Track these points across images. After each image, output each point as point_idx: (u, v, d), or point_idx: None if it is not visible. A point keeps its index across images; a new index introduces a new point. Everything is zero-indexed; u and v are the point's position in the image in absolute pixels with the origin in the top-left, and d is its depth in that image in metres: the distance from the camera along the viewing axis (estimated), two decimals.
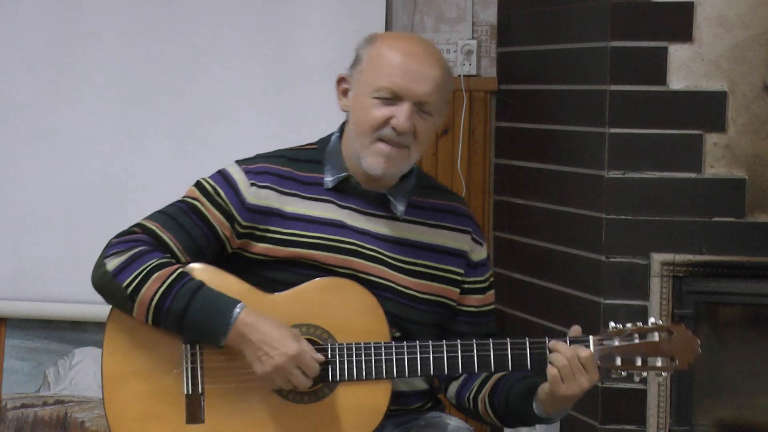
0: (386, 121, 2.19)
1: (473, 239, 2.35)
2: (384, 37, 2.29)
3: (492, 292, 2.39)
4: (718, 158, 3.09)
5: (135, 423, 2.18)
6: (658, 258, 3.10)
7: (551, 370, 2.12)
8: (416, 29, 3.73)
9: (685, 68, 3.09)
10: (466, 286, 2.33)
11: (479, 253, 2.36)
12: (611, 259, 3.14)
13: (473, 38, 3.71)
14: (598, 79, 3.16)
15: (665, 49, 3.09)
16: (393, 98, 2.19)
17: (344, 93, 2.28)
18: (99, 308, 3.53)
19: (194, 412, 2.18)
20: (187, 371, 2.19)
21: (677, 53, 3.09)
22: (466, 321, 2.32)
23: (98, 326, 3.60)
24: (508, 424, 2.33)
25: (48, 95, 3.60)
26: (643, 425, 3.14)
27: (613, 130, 3.13)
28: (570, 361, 2.11)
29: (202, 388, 2.18)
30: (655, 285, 3.10)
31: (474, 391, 2.30)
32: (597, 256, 3.16)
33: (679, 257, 3.09)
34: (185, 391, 2.18)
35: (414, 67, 2.20)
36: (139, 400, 2.19)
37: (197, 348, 2.19)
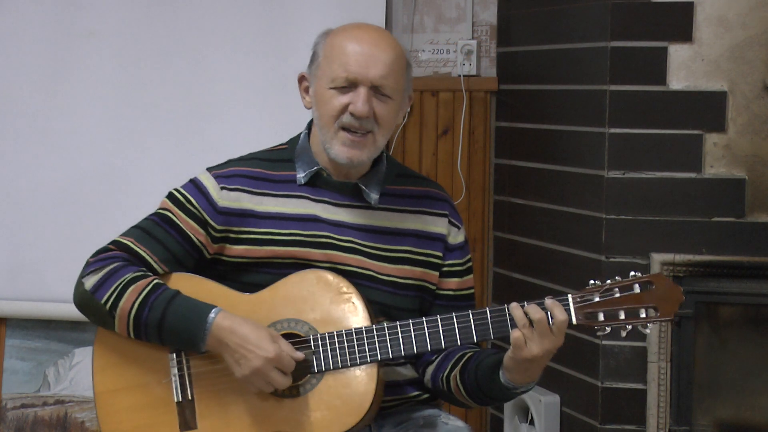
0: (345, 109, 2.22)
1: (450, 222, 2.36)
2: (337, 30, 2.32)
3: (471, 276, 2.39)
4: (718, 158, 3.09)
5: None
6: (658, 258, 3.10)
7: (514, 333, 2.09)
8: (416, 29, 3.73)
9: (685, 68, 3.09)
10: (445, 269, 2.34)
11: (456, 236, 2.37)
12: (611, 259, 3.15)
13: (473, 38, 3.71)
14: (598, 79, 3.16)
15: (665, 49, 3.09)
16: (349, 86, 2.22)
17: (306, 91, 2.31)
18: None
19: (187, 418, 2.20)
20: (175, 379, 2.20)
21: (677, 53, 3.09)
22: (443, 305, 2.33)
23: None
24: (479, 401, 2.30)
25: (48, 95, 3.60)
26: (643, 425, 3.14)
27: (613, 130, 3.13)
28: (539, 323, 2.09)
29: (192, 395, 2.20)
30: None
31: (447, 370, 2.30)
32: (597, 256, 3.16)
33: (679, 257, 3.09)
34: (176, 399, 2.20)
35: (365, 52, 2.23)
36: (132, 412, 2.21)
37: (183, 356, 2.21)
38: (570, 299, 2.13)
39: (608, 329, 2.11)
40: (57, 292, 3.58)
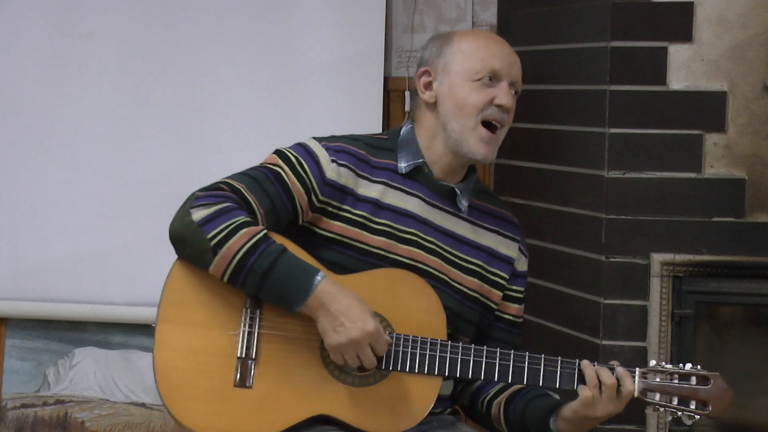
0: (489, 103, 2.31)
1: (520, 249, 2.47)
2: (463, 31, 2.44)
3: (524, 306, 2.46)
4: (718, 158, 3.09)
5: (182, 373, 2.18)
6: (658, 258, 3.10)
7: (584, 390, 2.16)
8: (416, 29, 3.73)
9: (685, 68, 3.09)
10: (509, 293, 2.41)
11: (523, 264, 2.47)
12: (611, 259, 3.14)
13: None
14: (598, 79, 3.16)
15: (665, 49, 3.09)
16: (492, 79, 2.32)
17: (426, 86, 2.36)
18: (99, 308, 3.56)
19: (244, 375, 2.19)
20: (243, 335, 2.19)
21: (677, 53, 3.09)
22: (504, 328, 2.38)
23: (98, 326, 3.61)
24: None
25: (48, 95, 3.60)
26: (643, 425, 3.14)
27: (613, 130, 3.13)
28: (609, 388, 2.17)
29: (256, 354, 2.19)
30: (655, 285, 3.10)
31: (491, 395, 2.33)
32: (597, 256, 3.16)
33: (679, 257, 3.09)
34: (238, 354, 2.19)
35: (506, 51, 2.37)
36: (190, 353, 2.19)
37: (257, 313, 2.20)
38: (637, 373, 2.22)
39: (660, 410, 2.24)
40: (57, 292, 3.58)
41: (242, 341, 2.19)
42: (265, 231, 2.19)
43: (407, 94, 3.65)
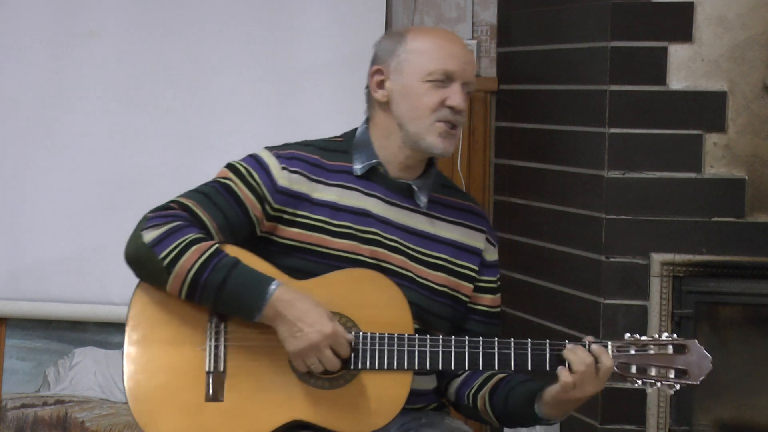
0: (442, 103, 2.28)
1: (487, 239, 2.42)
2: (417, 29, 2.42)
3: (500, 295, 2.43)
4: (718, 158, 3.09)
5: (153, 392, 2.19)
6: (658, 258, 3.10)
7: (565, 374, 2.14)
8: None
9: (685, 68, 3.09)
10: (480, 284, 2.38)
11: (492, 254, 2.43)
12: (611, 259, 3.14)
13: (473, 38, 3.71)
14: (598, 79, 3.16)
15: (665, 49, 3.09)
16: (445, 80, 2.28)
17: (379, 85, 2.34)
18: (99, 308, 3.56)
19: (215, 389, 2.19)
20: (210, 348, 2.20)
21: (677, 53, 3.09)
22: (480, 320, 2.37)
23: (98, 326, 3.61)
24: (505, 424, 2.36)
25: (48, 95, 3.60)
26: (643, 425, 3.14)
27: (613, 130, 3.13)
28: (588, 367, 2.14)
29: (224, 367, 2.19)
30: (655, 285, 3.10)
31: (475, 388, 2.32)
32: (597, 256, 3.16)
33: (679, 257, 3.09)
34: (207, 368, 2.19)
35: (460, 51, 2.32)
36: (159, 372, 2.20)
37: (222, 326, 2.20)
38: (610, 346, 2.19)
39: (639, 382, 2.18)
40: (57, 292, 3.58)
41: (210, 355, 2.20)
42: (217, 245, 2.19)
43: None
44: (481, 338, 2.21)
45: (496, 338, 2.21)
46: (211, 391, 2.19)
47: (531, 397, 2.23)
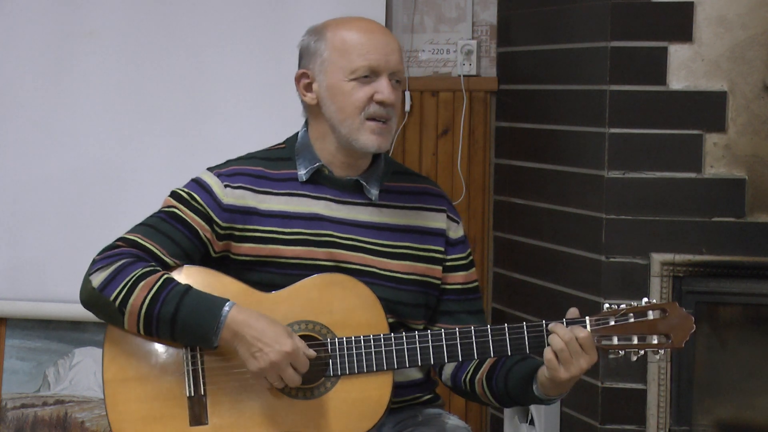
0: (370, 99, 2.24)
1: (449, 217, 2.38)
2: (335, 23, 2.34)
3: (474, 270, 2.41)
4: (718, 158, 3.09)
5: (138, 425, 2.19)
6: (658, 258, 3.10)
7: (548, 355, 2.13)
8: (416, 29, 3.73)
9: (685, 68, 3.09)
10: (448, 264, 2.35)
11: (456, 231, 2.39)
12: (611, 259, 3.15)
13: (473, 38, 3.71)
14: (598, 79, 3.16)
15: (665, 49, 3.09)
16: (370, 75, 2.24)
17: (307, 88, 2.31)
18: None
19: (198, 413, 2.19)
20: (188, 373, 2.19)
21: (677, 53, 3.09)
22: (453, 299, 2.34)
23: (98, 326, 3.60)
24: (507, 405, 2.35)
25: (48, 94, 3.60)
26: (643, 425, 3.14)
27: (613, 130, 3.13)
28: (568, 344, 2.12)
29: (204, 390, 2.19)
30: (655, 285, 3.10)
31: (470, 373, 2.31)
32: (597, 256, 3.16)
33: (679, 257, 3.09)
34: (187, 394, 2.19)
35: (380, 41, 2.26)
36: (141, 403, 2.19)
37: (197, 350, 2.20)
38: (587, 321, 2.16)
39: (621, 353, 2.15)
40: (57, 292, 3.58)
41: (188, 380, 2.19)
42: (165, 277, 2.18)
43: (407, 93, 3.66)
44: (457, 328, 2.19)
45: (472, 327, 2.18)
46: (194, 415, 2.19)
47: (528, 378, 2.22)
